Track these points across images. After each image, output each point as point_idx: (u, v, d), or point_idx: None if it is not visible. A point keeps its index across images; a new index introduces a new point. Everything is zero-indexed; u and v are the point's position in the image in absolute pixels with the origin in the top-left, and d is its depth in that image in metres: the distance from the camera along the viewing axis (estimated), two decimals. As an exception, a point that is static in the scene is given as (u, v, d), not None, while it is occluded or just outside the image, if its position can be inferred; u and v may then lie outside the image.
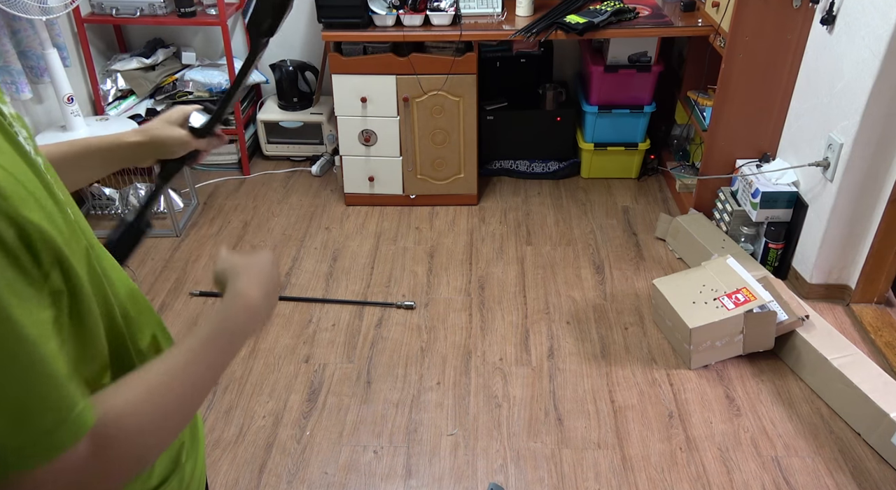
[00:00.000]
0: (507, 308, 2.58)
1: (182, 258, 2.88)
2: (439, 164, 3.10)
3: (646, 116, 3.20)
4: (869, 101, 2.17)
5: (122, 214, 0.95)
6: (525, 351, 2.38)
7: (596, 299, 2.62)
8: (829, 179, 2.37)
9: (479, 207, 3.19)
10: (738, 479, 1.94)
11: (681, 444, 2.05)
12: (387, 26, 2.83)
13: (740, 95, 2.67)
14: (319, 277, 2.76)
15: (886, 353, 2.27)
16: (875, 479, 1.93)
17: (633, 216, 3.12)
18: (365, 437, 2.09)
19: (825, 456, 2.00)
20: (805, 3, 2.44)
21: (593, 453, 2.02)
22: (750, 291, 2.25)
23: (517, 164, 3.41)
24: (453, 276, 2.75)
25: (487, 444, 2.06)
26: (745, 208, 2.69)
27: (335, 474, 1.98)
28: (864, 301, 2.50)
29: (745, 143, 2.78)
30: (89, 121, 3.01)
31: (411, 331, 2.48)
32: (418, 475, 1.97)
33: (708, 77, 2.99)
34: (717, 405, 2.17)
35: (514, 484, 1.94)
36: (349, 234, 3.03)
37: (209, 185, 3.40)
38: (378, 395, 2.23)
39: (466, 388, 2.24)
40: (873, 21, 2.12)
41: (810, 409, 2.15)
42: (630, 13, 2.86)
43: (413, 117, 2.99)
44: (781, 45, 2.54)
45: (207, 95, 3.30)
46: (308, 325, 2.52)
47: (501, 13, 2.92)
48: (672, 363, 2.32)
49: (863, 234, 2.43)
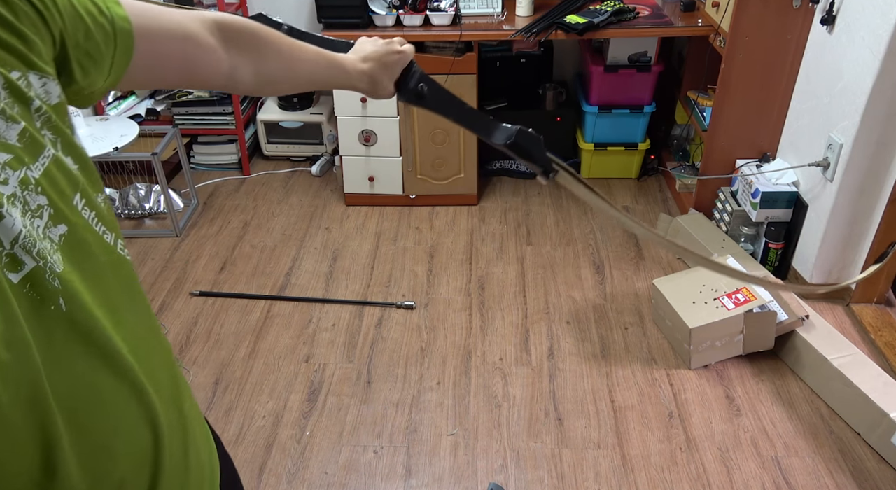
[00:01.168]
0: (507, 308, 2.58)
1: (182, 258, 2.88)
2: (439, 164, 3.10)
3: (646, 116, 3.20)
4: (869, 101, 2.17)
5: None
6: (525, 351, 2.39)
7: (596, 299, 2.62)
8: (829, 179, 2.38)
9: (479, 207, 3.20)
10: (738, 479, 1.94)
11: (681, 444, 2.05)
12: (387, 26, 2.83)
13: (740, 95, 2.67)
14: (319, 277, 2.76)
15: (886, 353, 2.27)
16: (875, 479, 1.93)
17: (633, 216, 3.12)
18: (365, 437, 2.09)
19: (825, 456, 2.00)
20: (805, 3, 2.44)
21: (593, 453, 2.02)
22: (750, 291, 2.25)
23: (517, 164, 3.41)
24: (453, 276, 2.75)
25: (487, 444, 2.06)
26: (745, 208, 2.70)
27: (335, 474, 1.98)
28: (864, 301, 2.50)
29: (745, 143, 2.78)
30: (89, 120, 3.01)
31: (411, 331, 2.48)
32: (418, 475, 1.97)
33: (708, 77, 2.99)
34: (717, 405, 2.17)
35: (514, 484, 1.95)
36: (349, 234, 3.03)
37: (209, 185, 3.40)
38: (378, 395, 2.23)
39: (466, 388, 2.24)
40: (873, 21, 2.12)
41: (810, 409, 2.15)
42: (630, 13, 2.86)
43: (413, 117, 2.99)
44: (781, 45, 2.54)
45: (207, 96, 3.30)
46: (308, 325, 2.52)
47: (501, 13, 2.92)
48: (672, 363, 2.32)
49: (863, 234, 2.43)
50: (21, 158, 0.54)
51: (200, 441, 0.79)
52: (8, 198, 0.52)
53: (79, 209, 0.60)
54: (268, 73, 0.90)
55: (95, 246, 0.61)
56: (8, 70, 0.54)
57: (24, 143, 0.55)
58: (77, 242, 0.59)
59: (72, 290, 0.57)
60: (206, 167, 3.53)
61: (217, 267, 2.82)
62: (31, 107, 0.56)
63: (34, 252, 0.53)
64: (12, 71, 0.54)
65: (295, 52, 0.93)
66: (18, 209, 0.53)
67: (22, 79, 0.56)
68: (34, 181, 0.55)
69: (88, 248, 0.60)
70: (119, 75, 0.68)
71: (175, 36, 0.74)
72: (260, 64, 0.88)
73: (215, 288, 2.69)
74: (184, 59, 0.76)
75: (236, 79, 0.86)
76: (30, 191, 0.54)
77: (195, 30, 0.77)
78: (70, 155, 0.60)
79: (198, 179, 3.42)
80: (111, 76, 0.67)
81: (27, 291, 0.53)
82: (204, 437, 0.82)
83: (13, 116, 0.54)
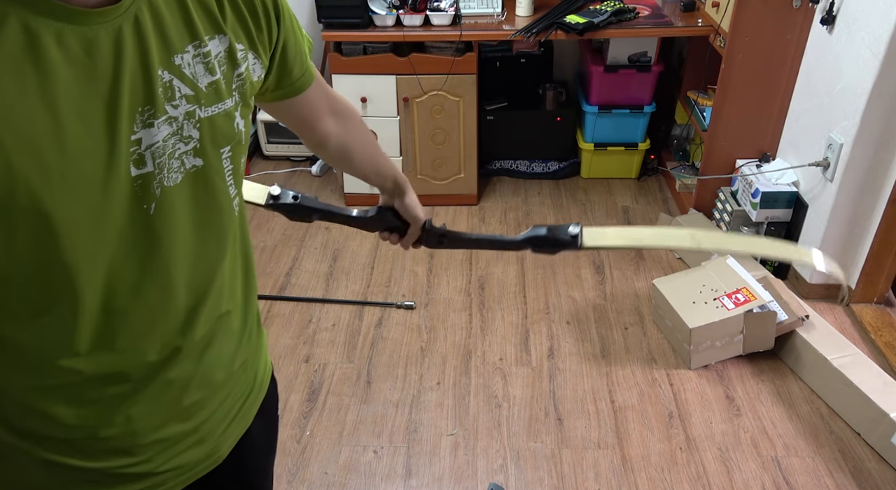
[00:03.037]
0: (507, 308, 2.58)
1: (182, 258, 2.88)
2: (439, 164, 3.10)
3: (646, 116, 3.20)
4: (869, 101, 2.17)
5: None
6: (525, 351, 2.39)
7: (596, 299, 2.62)
8: (829, 179, 2.38)
9: (479, 207, 3.20)
10: (738, 479, 1.94)
11: (681, 444, 2.05)
12: (387, 26, 2.83)
13: (740, 95, 2.67)
14: (319, 277, 2.76)
15: (886, 353, 2.27)
16: (875, 479, 1.93)
17: (633, 216, 3.12)
18: (365, 437, 2.09)
19: (825, 456, 2.00)
20: (805, 3, 2.44)
21: (593, 453, 2.02)
22: (750, 291, 2.26)
23: (517, 164, 3.41)
24: (453, 276, 2.75)
25: (487, 444, 2.06)
26: (745, 208, 2.70)
27: (335, 474, 1.98)
28: (864, 301, 2.50)
29: (744, 143, 2.78)
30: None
31: (411, 331, 2.48)
32: (418, 475, 1.97)
33: (708, 77, 2.99)
34: (717, 405, 2.17)
35: (514, 484, 1.95)
36: (349, 234, 3.03)
37: (209, 185, 3.39)
38: (378, 395, 2.23)
39: (466, 388, 2.24)
40: (873, 21, 2.12)
41: (810, 409, 2.15)
42: (630, 13, 2.86)
43: (413, 117, 2.99)
44: (781, 45, 2.54)
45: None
46: (308, 325, 2.52)
47: (501, 13, 2.92)
48: (672, 363, 2.32)
49: (863, 234, 2.43)
50: (199, 98, 0.70)
51: (251, 363, 0.95)
52: (169, 118, 0.68)
53: (222, 157, 0.75)
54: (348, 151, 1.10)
55: (217, 189, 0.76)
56: (238, 41, 0.74)
57: (209, 89, 0.71)
58: (203, 177, 0.73)
59: (168, 202, 0.70)
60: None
61: (217, 267, 2.82)
62: (235, 71, 0.74)
63: (157, 162, 0.68)
64: (239, 43, 0.75)
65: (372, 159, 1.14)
66: (171, 129, 0.68)
67: (242, 51, 0.75)
68: (198, 118, 0.71)
69: (210, 187, 0.75)
70: (283, 97, 0.91)
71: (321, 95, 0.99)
72: (348, 151, 1.10)
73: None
74: (316, 112, 1.00)
75: (326, 148, 1.07)
76: (190, 122, 0.70)
77: (327, 97, 1.01)
78: (244, 118, 0.77)
79: (198, 179, 3.42)
80: (278, 92, 0.89)
81: (136, 186, 0.67)
82: (263, 362, 1.00)
83: (214, 69, 0.72)
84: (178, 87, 0.68)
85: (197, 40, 0.69)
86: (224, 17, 0.72)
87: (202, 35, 0.70)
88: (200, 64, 0.70)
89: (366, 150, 1.11)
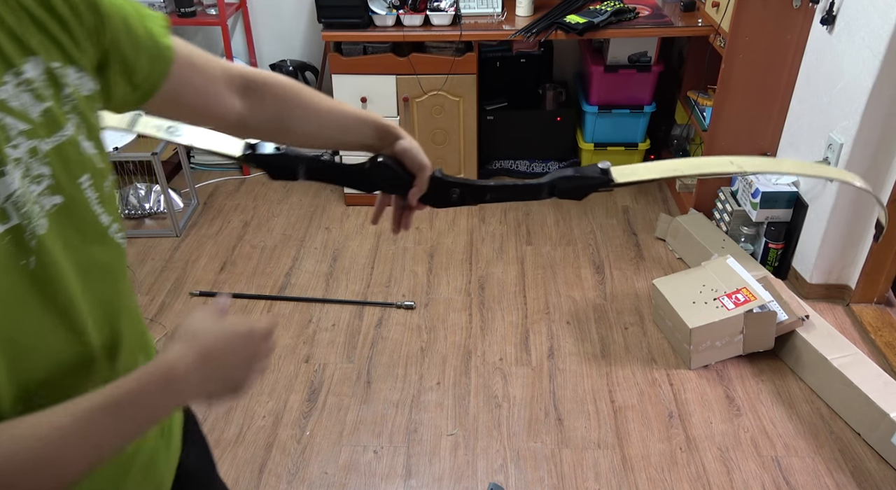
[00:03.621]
0: (507, 308, 2.58)
1: (182, 258, 2.88)
2: (439, 163, 3.10)
3: (646, 116, 3.20)
4: (869, 101, 2.17)
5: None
6: (525, 351, 2.39)
7: (596, 299, 2.62)
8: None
9: (478, 207, 3.19)
10: (738, 479, 1.94)
11: (681, 444, 2.05)
12: (387, 26, 2.83)
13: (740, 95, 2.67)
14: (319, 277, 2.76)
15: (886, 353, 2.27)
16: (875, 479, 1.93)
17: (633, 216, 3.12)
18: (365, 437, 2.09)
19: (825, 456, 2.00)
20: (805, 3, 2.44)
21: (593, 453, 2.02)
22: (750, 291, 2.25)
23: (517, 164, 3.41)
24: (453, 276, 2.75)
25: (487, 444, 2.06)
26: (745, 208, 2.70)
27: (335, 474, 1.98)
28: (864, 301, 2.50)
29: (745, 143, 2.78)
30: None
31: (411, 331, 2.48)
32: (418, 475, 1.97)
33: (708, 77, 2.99)
34: (717, 405, 2.17)
35: (514, 484, 1.95)
36: (349, 234, 3.03)
37: (209, 185, 3.40)
38: (378, 395, 2.23)
39: (466, 388, 2.24)
40: (873, 21, 2.12)
41: (810, 409, 2.15)
42: (630, 13, 2.86)
43: (413, 117, 2.99)
44: (781, 45, 2.54)
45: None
46: (308, 325, 2.52)
47: (501, 13, 2.92)
48: (672, 363, 2.32)
49: (863, 234, 2.43)
50: (37, 131, 0.62)
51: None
52: (14, 160, 0.60)
53: (82, 187, 0.66)
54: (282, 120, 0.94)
55: (87, 222, 0.68)
56: (50, 59, 0.63)
57: (44, 119, 0.63)
58: (69, 214, 0.65)
59: (47, 252, 0.62)
60: (206, 167, 3.54)
61: (217, 267, 2.82)
62: (62, 92, 0.65)
63: (21, 211, 0.60)
64: (53, 61, 0.64)
65: (324, 117, 0.95)
66: (20, 172, 0.60)
67: (59, 68, 0.64)
68: (43, 153, 0.62)
69: (79, 223, 0.66)
70: (147, 94, 0.77)
71: (202, 73, 0.84)
72: (281, 120, 0.93)
73: (215, 288, 2.69)
74: (204, 94, 0.85)
75: (247, 127, 0.92)
76: (36, 159, 0.62)
77: (217, 75, 0.86)
78: (91, 140, 0.68)
79: (198, 179, 3.42)
80: (138, 92, 0.76)
81: (6, 243, 0.60)
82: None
83: (42, 96, 0.62)
84: (11, 124, 0.60)
85: (12, 68, 0.61)
86: (29, 36, 0.62)
87: (15, 61, 0.61)
88: (26, 92, 0.61)
89: (309, 109, 0.93)
